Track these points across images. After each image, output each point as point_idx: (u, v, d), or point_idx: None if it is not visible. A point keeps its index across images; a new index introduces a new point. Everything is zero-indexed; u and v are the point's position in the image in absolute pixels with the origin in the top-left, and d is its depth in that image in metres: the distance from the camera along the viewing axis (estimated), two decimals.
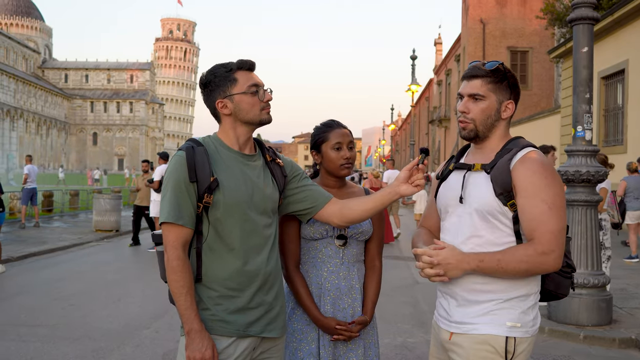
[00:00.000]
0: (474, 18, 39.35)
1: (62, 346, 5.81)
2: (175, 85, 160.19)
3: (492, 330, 2.18)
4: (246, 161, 2.44)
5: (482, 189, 2.22)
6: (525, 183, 2.15)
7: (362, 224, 2.76)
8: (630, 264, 10.94)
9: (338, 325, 2.65)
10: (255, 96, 2.40)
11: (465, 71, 2.35)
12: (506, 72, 2.29)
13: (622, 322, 6.57)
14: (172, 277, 2.27)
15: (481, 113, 2.28)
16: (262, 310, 2.42)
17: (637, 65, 16.32)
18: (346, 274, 2.75)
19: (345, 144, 2.79)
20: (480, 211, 2.21)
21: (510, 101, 2.31)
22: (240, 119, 2.42)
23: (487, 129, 2.30)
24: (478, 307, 2.22)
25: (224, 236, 2.35)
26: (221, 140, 2.44)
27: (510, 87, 2.30)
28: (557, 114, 23.17)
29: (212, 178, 2.31)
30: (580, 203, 6.47)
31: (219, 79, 2.40)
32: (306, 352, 2.70)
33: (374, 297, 2.81)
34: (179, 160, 2.32)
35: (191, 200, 2.30)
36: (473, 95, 2.29)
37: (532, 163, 2.18)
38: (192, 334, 2.25)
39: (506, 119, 2.32)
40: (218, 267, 2.35)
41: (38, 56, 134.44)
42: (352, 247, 2.78)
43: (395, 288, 8.87)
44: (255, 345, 2.42)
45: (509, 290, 2.20)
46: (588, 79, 6.49)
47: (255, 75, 2.45)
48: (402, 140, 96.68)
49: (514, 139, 2.32)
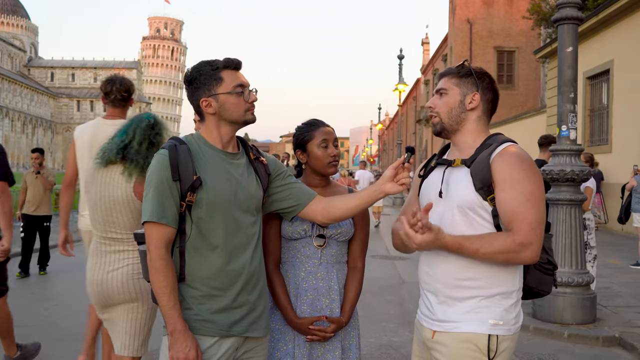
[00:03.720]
0: (461, 18, 39.48)
1: (46, 346, 5.75)
2: (163, 84, 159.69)
3: (474, 328, 2.19)
4: (229, 159, 2.43)
5: (462, 184, 2.23)
6: (503, 176, 2.17)
7: (342, 224, 2.74)
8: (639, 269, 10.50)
9: (311, 326, 2.64)
10: (240, 97, 2.39)
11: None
12: (472, 69, 2.35)
13: (606, 321, 6.62)
14: (155, 277, 2.25)
15: (444, 105, 2.35)
16: (245, 310, 2.41)
17: (622, 66, 16.45)
18: (324, 275, 2.73)
19: (331, 142, 2.78)
20: (461, 207, 2.23)
21: (476, 93, 2.33)
22: (225, 119, 2.40)
23: (454, 121, 2.35)
24: (461, 305, 2.22)
25: (207, 235, 2.33)
26: (204, 138, 2.42)
27: (477, 82, 2.34)
28: (543, 113, 23.30)
29: (195, 177, 2.28)
30: (565, 202, 6.50)
31: (205, 77, 2.38)
32: (283, 352, 2.70)
33: (353, 299, 2.79)
34: (161, 159, 2.30)
35: (174, 199, 2.28)
36: (439, 90, 2.39)
37: (510, 156, 2.20)
38: (176, 334, 2.23)
39: (474, 111, 2.34)
40: (201, 266, 2.33)
41: (24, 55, 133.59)
42: (332, 247, 2.76)
43: (381, 287, 8.88)
44: (238, 345, 2.41)
45: (490, 286, 2.21)
46: (572, 79, 6.52)
47: (241, 75, 2.43)
48: (390, 139, 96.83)
49: (494, 135, 2.34)
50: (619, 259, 11.45)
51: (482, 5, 39.31)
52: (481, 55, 38.80)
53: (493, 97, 2.37)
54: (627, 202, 10.80)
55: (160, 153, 2.33)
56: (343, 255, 2.82)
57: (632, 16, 15.84)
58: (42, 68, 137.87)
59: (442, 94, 2.37)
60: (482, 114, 2.35)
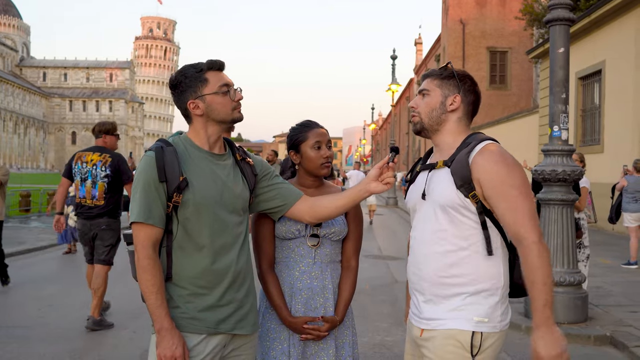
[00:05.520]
0: (454, 18, 39.59)
1: (39, 347, 5.75)
2: (155, 84, 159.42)
3: (459, 325, 2.22)
4: (216, 160, 2.47)
5: (444, 184, 2.27)
6: (490, 174, 2.19)
7: (335, 223, 2.76)
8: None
9: (306, 325, 2.66)
10: (226, 96, 2.43)
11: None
12: (454, 71, 2.39)
13: (597, 320, 6.66)
14: (142, 276, 2.29)
15: (426, 106, 2.40)
16: (232, 308, 2.44)
17: (613, 66, 16.53)
18: (319, 274, 2.74)
19: (324, 143, 2.80)
20: (443, 206, 2.26)
21: (457, 95, 2.37)
22: (213, 119, 2.44)
23: (434, 121, 2.39)
24: (446, 303, 2.26)
25: (193, 235, 2.37)
26: (191, 140, 2.46)
27: (459, 85, 2.38)
28: (535, 113, 23.38)
29: (182, 178, 2.32)
30: (557, 202, 6.53)
31: (190, 80, 2.41)
32: (278, 351, 2.71)
33: (347, 298, 2.79)
34: (148, 161, 2.34)
35: (161, 200, 2.32)
36: (421, 91, 2.43)
37: (491, 154, 2.23)
38: (163, 332, 2.27)
39: (455, 112, 2.38)
40: (188, 265, 2.37)
41: (16, 54, 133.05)
42: (326, 246, 2.77)
43: (375, 287, 8.91)
44: (226, 342, 2.44)
45: (475, 283, 2.24)
46: (564, 79, 6.56)
47: (225, 75, 2.47)
48: (383, 139, 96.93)
49: (473, 134, 2.37)
50: (610, 259, 11.51)
51: (475, 5, 39.43)
52: (474, 55, 38.93)
53: (474, 99, 2.41)
54: (617, 202, 10.87)
55: (147, 155, 2.37)
56: (337, 254, 2.84)
57: (623, 17, 15.93)
58: (34, 68, 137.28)
59: (424, 95, 2.41)
60: (463, 115, 2.39)
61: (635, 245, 10.76)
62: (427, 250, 2.30)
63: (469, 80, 2.41)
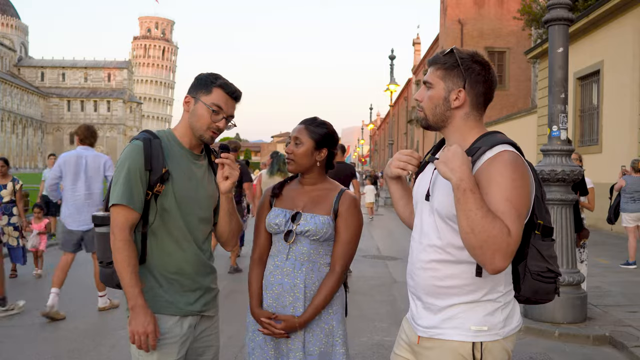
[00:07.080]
0: (452, 18, 39.59)
1: (38, 346, 5.74)
2: (154, 84, 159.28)
3: (457, 336, 2.08)
4: (194, 160, 2.62)
5: (445, 191, 2.06)
6: (491, 183, 1.96)
7: (312, 222, 2.72)
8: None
9: (264, 318, 2.72)
10: (211, 114, 2.52)
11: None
12: (460, 58, 2.11)
13: (596, 320, 6.67)
14: (117, 256, 2.41)
15: (429, 101, 2.17)
16: (200, 292, 2.63)
17: (612, 66, 16.55)
18: (290, 271, 2.72)
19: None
20: (440, 213, 2.10)
21: (461, 90, 2.11)
22: (190, 122, 2.57)
23: (439, 118, 2.16)
24: (443, 312, 2.12)
25: (168, 224, 2.52)
26: (175, 136, 2.61)
27: (464, 75, 2.10)
28: (533, 114, 23.39)
29: (164, 170, 2.46)
30: (556, 202, 6.53)
31: (203, 81, 2.56)
32: (256, 343, 2.81)
33: (318, 303, 2.69)
34: (135, 149, 2.47)
35: (143, 187, 2.45)
36: (425, 82, 2.19)
37: (505, 167, 1.97)
38: (137, 309, 2.40)
39: (460, 109, 2.14)
40: (161, 252, 2.53)
41: (14, 54, 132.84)
42: (303, 245, 2.74)
43: (373, 287, 8.91)
44: (196, 323, 2.63)
45: (471, 292, 2.09)
46: (563, 79, 6.56)
47: (231, 104, 2.57)
48: (381, 139, 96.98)
49: (486, 135, 2.13)
50: (609, 259, 11.53)
51: (473, 5, 39.44)
52: None
53: (485, 89, 2.13)
54: (615, 203, 10.88)
55: (134, 143, 2.50)
56: (320, 255, 2.76)
57: (622, 17, 15.95)
58: (32, 68, 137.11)
59: (428, 87, 2.17)
60: (471, 110, 2.14)
61: (634, 246, 10.78)
62: (425, 257, 2.16)
63: (477, 66, 2.11)
